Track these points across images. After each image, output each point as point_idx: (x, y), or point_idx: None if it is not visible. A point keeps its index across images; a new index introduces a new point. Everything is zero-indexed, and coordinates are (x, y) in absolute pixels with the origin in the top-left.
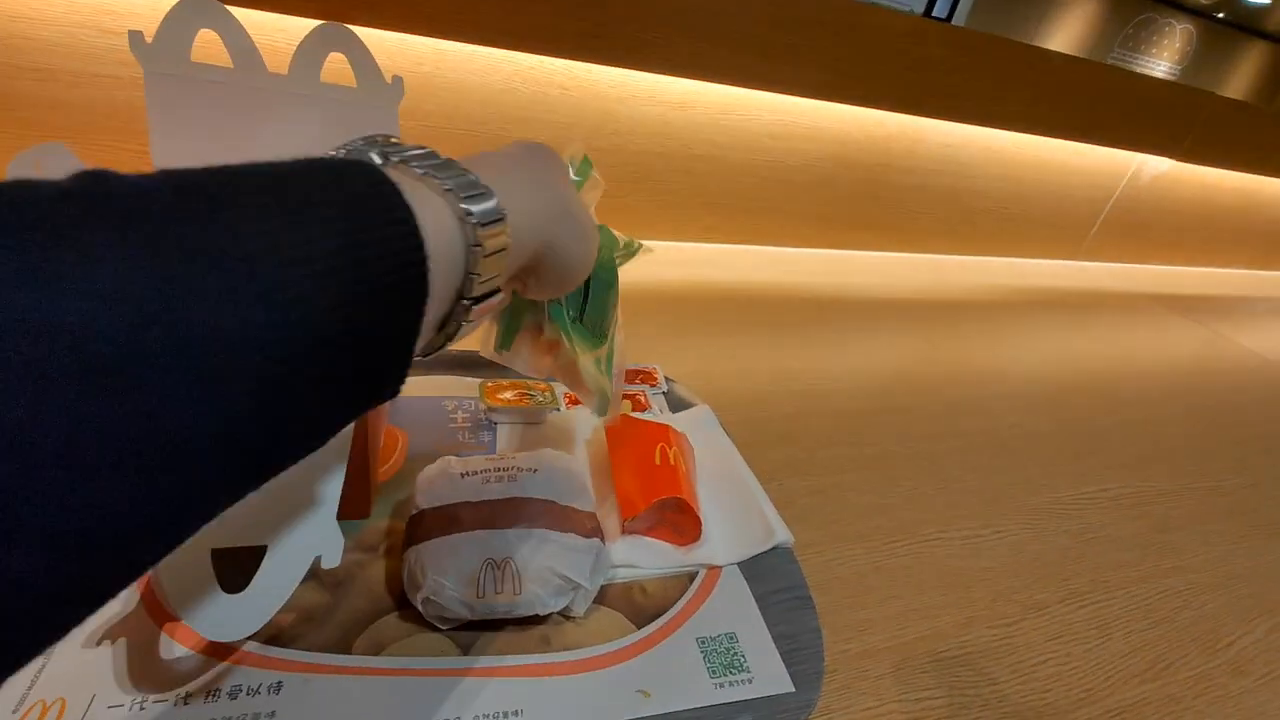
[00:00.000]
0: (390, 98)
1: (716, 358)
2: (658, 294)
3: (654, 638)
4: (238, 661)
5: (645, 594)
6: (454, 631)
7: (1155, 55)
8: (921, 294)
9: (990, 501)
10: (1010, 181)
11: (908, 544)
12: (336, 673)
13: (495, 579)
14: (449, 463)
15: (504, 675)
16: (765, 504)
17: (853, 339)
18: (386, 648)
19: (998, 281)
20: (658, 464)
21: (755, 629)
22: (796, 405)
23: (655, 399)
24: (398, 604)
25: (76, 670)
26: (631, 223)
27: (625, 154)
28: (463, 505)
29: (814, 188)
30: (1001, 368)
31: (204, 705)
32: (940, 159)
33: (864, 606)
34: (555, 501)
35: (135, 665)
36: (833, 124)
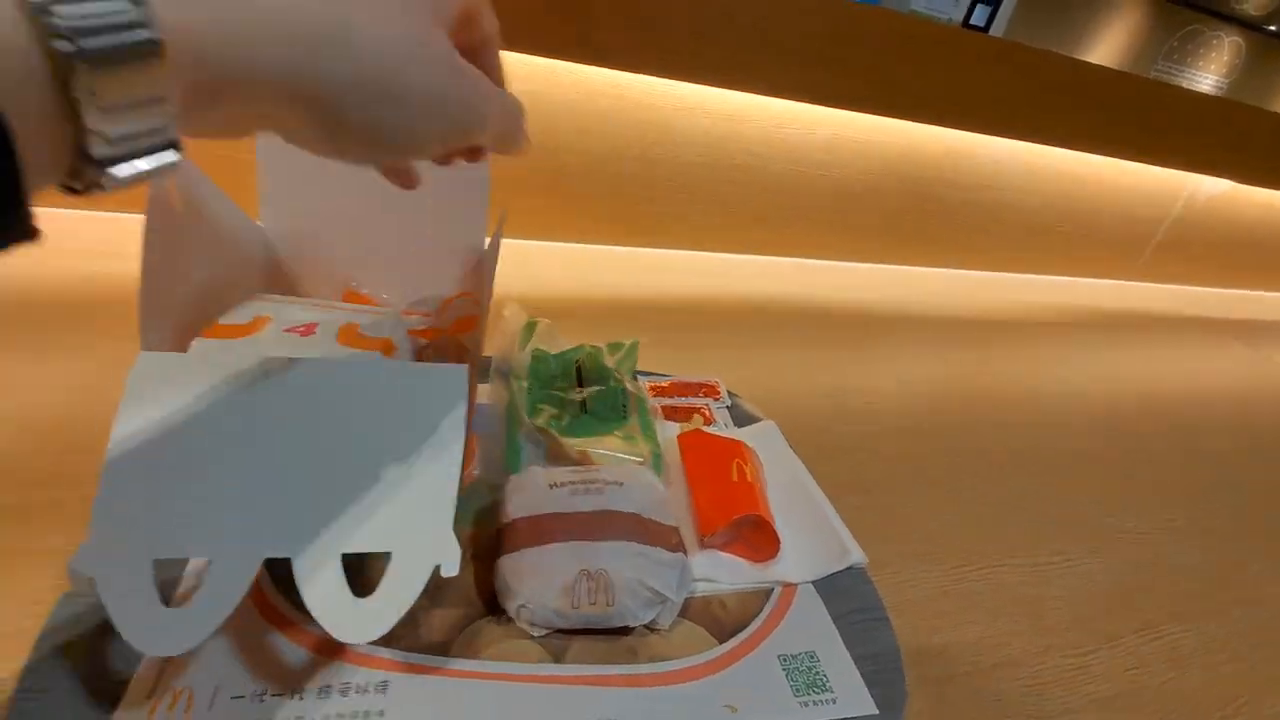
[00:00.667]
0: None
1: (772, 372)
2: (710, 305)
3: (736, 653)
4: (344, 660)
5: (724, 609)
6: (543, 639)
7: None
8: (971, 311)
9: (1057, 527)
10: (1062, 198)
11: (977, 568)
12: (438, 674)
13: (589, 590)
14: (535, 473)
15: (595, 684)
16: (837, 522)
17: (905, 355)
18: (483, 652)
19: (1048, 300)
20: (735, 480)
21: (835, 648)
22: (855, 423)
23: (719, 413)
24: (488, 609)
25: (200, 663)
26: (682, 233)
27: (677, 165)
28: (554, 516)
29: (864, 202)
30: (1056, 389)
31: (318, 701)
32: (992, 175)
33: (939, 630)
34: (641, 515)
35: (251, 660)
36: (885, 138)
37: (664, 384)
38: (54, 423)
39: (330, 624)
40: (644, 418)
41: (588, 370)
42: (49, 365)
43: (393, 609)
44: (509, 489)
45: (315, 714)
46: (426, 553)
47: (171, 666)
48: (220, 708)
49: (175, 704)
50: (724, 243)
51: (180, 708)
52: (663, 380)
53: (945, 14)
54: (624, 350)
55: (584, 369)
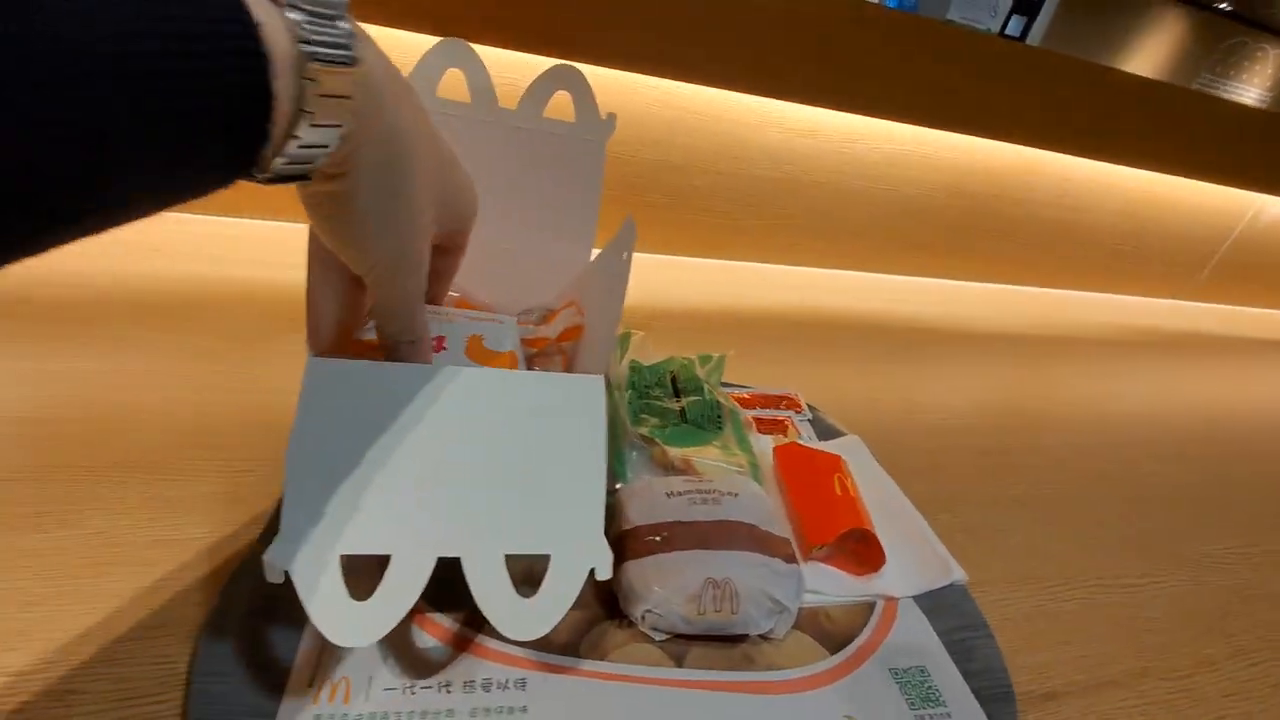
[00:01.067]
0: (602, 132)
1: (842, 385)
2: (777, 318)
3: (848, 665)
4: (483, 657)
5: (830, 620)
6: (662, 643)
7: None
8: (1032, 328)
9: (1143, 551)
10: (1123, 216)
11: (1071, 589)
12: (572, 674)
13: (715, 597)
14: (651, 482)
15: (716, 689)
16: (934, 538)
17: (971, 372)
18: (610, 654)
19: (1107, 319)
20: (838, 494)
21: (943, 664)
22: (931, 439)
23: (802, 426)
24: (609, 612)
25: (353, 654)
26: (743, 245)
27: (745, 179)
28: (675, 524)
29: (926, 216)
30: (1122, 409)
31: (464, 695)
32: (1055, 191)
33: (1040, 649)
34: (757, 526)
35: (398, 654)
36: (949, 153)
37: (745, 395)
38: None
39: (499, 621)
40: (738, 429)
41: (682, 381)
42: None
43: (555, 609)
44: (624, 496)
45: (463, 707)
46: (582, 556)
47: (326, 656)
48: (375, 697)
49: (335, 693)
50: (788, 255)
51: (340, 696)
52: (743, 391)
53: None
54: (713, 362)
55: (678, 380)
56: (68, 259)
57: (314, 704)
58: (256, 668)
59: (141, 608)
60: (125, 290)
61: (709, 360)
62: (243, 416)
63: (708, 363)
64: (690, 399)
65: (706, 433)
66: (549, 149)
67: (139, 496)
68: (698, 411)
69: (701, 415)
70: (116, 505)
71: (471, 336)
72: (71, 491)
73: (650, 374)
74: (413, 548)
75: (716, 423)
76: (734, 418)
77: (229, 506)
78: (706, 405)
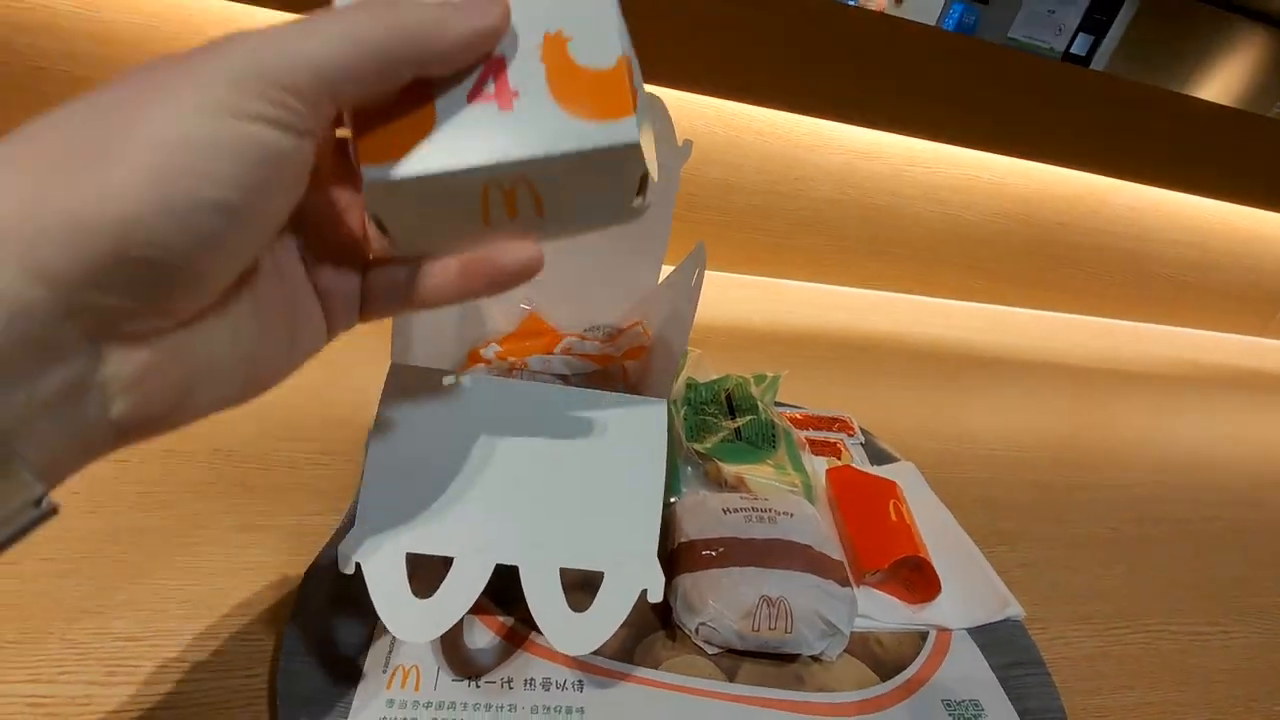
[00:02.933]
0: (678, 157)
1: (896, 410)
2: (831, 339)
3: (900, 693)
4: (542, 657)
5: (881, 646)
6: (715, 656)
7: None
8: (1094, 360)
9: (1211, 598)
10: (1195, 249)
11: (1133, 633)
12: (627, 680)
13: (769, 615)
14: (706, 497)
15: (766, 706)
16: (991, 571)
17: (1028, 402)
18: (662, 663)
19: (1175, 354)
20: (893, 520)
21: (998, 701)
22: (987, 470)
23: (854, 449)
24: (661, 623)
25: (424, 645)
26: (797, 264)
27: (806, 200)
28: (732, 540)
29: (986, 242)
30: (1189, 449)
31: (525, 691)
32: (1125, 221)
33: (1099, 692)
34: (813, 547)
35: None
36: (1016, 179)
37: (797, 415)
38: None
39: (551, 634)
40: (791, 449)
41: (737, 399)
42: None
43: (606, 626)
44: (680, 510)
45: (524, 703)
46: (635, 576)
47: (398, 644)
48: (443, 687)
49: (406, 680)
50: (843, 276)
51: (411, 684)
52: (796, 412)
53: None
54: (767, 381)
55: (733, 398)
56: None
57: (387, 689)
58: (335, 650)
59: (232, 587)
60: None
61: (763, 380)
62: (325, 413)
63: (762, 382)
64: (745, 418)
65: (760, 451)
66: None
67: (228, 483)
68: (752, 430)
69: (756, 434)
70: (208, 490)
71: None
72: (168, 475)
73: (706, 391)
74: (474, 553)
75: (771, 442)
76: (788, 437)
77: (311, 497)
78: (761, 424)
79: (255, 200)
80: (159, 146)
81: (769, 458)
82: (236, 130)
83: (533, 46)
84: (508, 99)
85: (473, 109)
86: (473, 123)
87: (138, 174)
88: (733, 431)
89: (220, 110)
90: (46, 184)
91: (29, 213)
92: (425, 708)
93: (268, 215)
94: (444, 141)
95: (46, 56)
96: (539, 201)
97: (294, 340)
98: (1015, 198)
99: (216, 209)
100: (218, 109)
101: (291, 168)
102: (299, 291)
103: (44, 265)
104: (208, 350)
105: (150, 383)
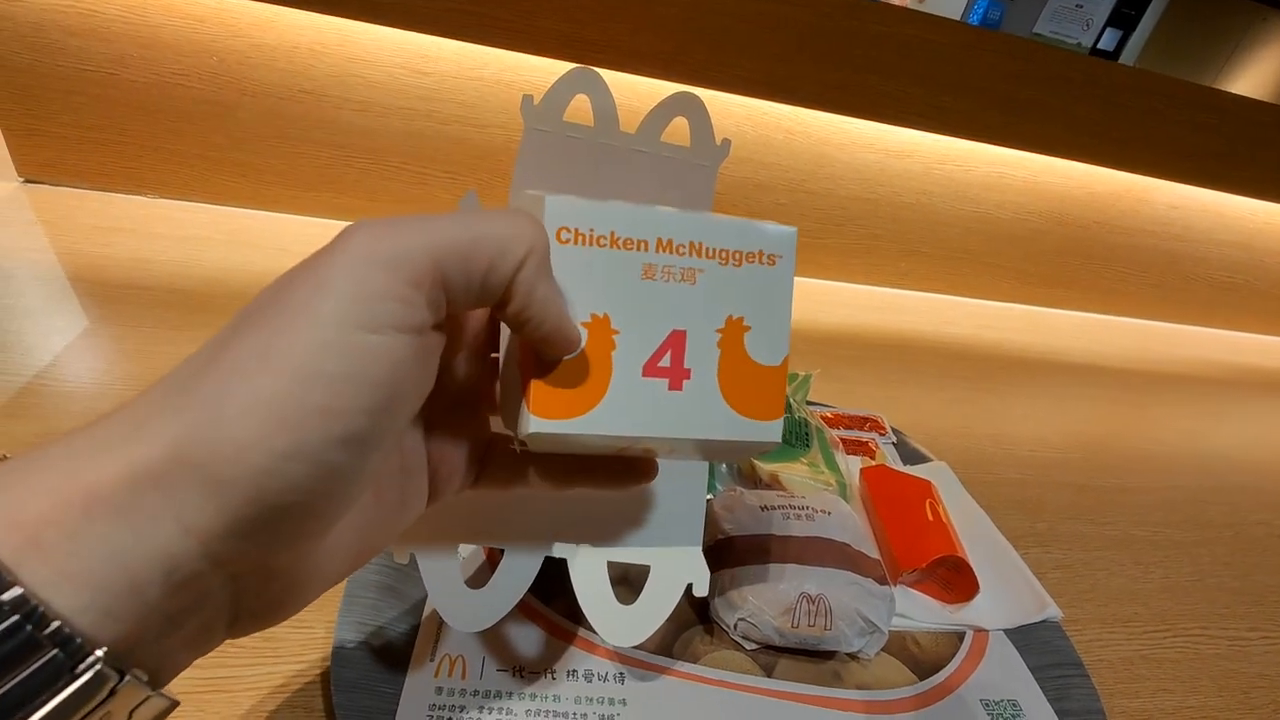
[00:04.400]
0: (716, 157)
1: (928, 410)
2: (861, 338)
3: (938, 692)
4: (584, 650)
5: (919, 646)
6: (753, 652)
7: None
8: (1130, 361)
9: (1254, 604)
10: (1236, 248)
11: (1172, 636)
12: (667, 674)
13: (809, 612)
14: (744, 495)
15: (804, 702)
16: (1028, 572)
17: (1064, 405)
18: (701, 658)
19: (1212, 356)
20: (930, 520)
21: (1036, 701)
22: (1022, 471)
23: (886, 449)
24: (699, 618)
25: (471, 635)
26: (827, 264)
27: (835, 198)
28: (771, 538)
29: (1020, 242)
30: (1230, 453)
31: (568, 682)
32: (1164, 221)
33: (1137, 695)
34: (851, 545)
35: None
36: (1050, 178)
37: (829, 415)
38: None
39: (600, 625)
40: (825, 448)
41: None
42: None
43: (652, 618)
44: (716, 506)
45: (568, 694)
46: (681, 570)
47: (445, 633)
48: (489, 677)
49: (454, 669)
50: (873, 276)
51: (458, 672)
52: (827, 411)
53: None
54: (799, 380)
55: None
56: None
57: (435, 677)
58: (384, 638)
59: None
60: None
61: (795, 378)
62: None
63: (794, 381)
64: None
65: (795, 449)
66: (664, 172)
67: None
68: (786, 429)
69: (790, 432)
70: None
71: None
72: None
73: None
74: (524, 546)
75: (804, 440)
76: (821, 436)
77: None
78: (795, 423)
79: (385, 421)
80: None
81: (803, 456)
82: (366, 347)
83: (714, 328)
84: (680, 380)
85: (645, 383)
86: (641, 396)
87: (269, 422)
88: None
89: (346, 325)
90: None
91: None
92: (472, 696)
93: (397, 427)
94: (610, 408)
95: (93, 59)
96: (673, 451)
97: (404, 508)
98: (1049, 196)
99: (348, 443)
100: (344, 323)
101: (419, 369)
102: (414, 464)
103: (190, 520)
104: (327, 551)
105: (273, 593)
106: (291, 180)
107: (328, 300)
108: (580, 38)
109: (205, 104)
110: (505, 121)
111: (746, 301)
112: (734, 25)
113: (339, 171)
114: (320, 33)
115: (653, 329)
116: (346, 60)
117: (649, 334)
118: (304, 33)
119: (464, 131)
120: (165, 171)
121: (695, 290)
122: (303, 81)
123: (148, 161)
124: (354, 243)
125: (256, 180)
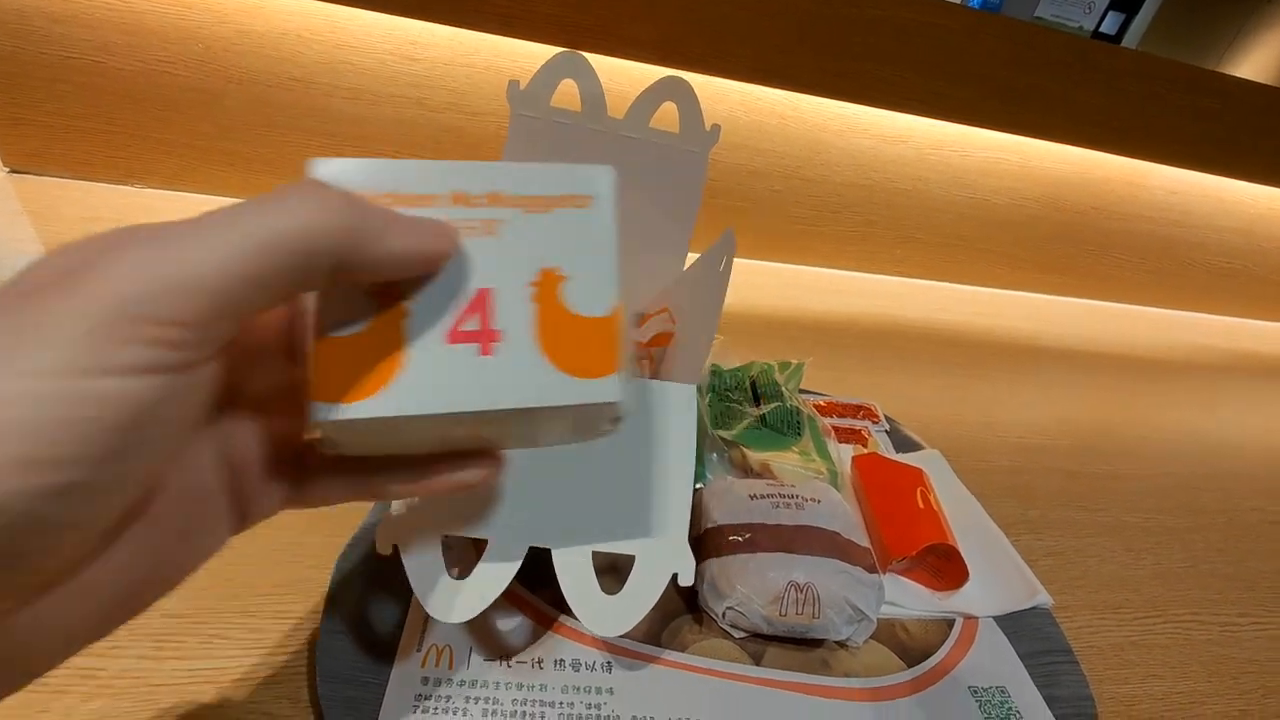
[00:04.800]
0: (706, 142)
1: (922, 397)
2: (855, 326)
3: (927, 679)
4: (572, 639)
5: (907, 633)
6: (741, 640)
7: None
8: (1124, 348)
9: (1246, 589)
10: (1235, 234)
11: (1162, 622)
12: (655, 663)
13: (797, 601)
14: (733, 483)
15: (792, 690)
16: (1019, 560)
17: (1058, 391)
18: (689, 646)
19: (1207, 341)
20: (921, 508)
21: (1025, 688)
22: (1014, 458)
23: (879, 437)
24: (687, 607)
25: (457, 625)
26: (821, 252)
27: (830, 185)
28: (758, 526)
29: (1016, 228)
30: (1224, 439)
31: (555, 671)
32: (1162, 206)
33: (1127, 681)
34: (840, 534)
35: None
36: (1046, 163)
37: (822, 403)
38: None
39: (583, 614)
40: (816, 436)
41: (762, 386)
42: None
43: (637, 609)
44: (706, 495)
45: (555, 683)
46: (666, 560)
47: (431, 623)
48: (475, 666)
49: (440, 658)
50: (867, 263)
51: (445, 662)
52: (820, 399)
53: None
54: (792, 368)
55: (758, 385)
56: None
57: (421, 667)
58: (370, 629)
59: (271, 566)
60: None
61: (788, 366)
62: None
63: (786, 369)
64: (770, 405)
65: (785, 438)
66: (653, 158)
67: None
68: (777, 417)
69: (781, 421)
70: None
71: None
72: None
73: (730, 378)
74: (509, 535)
75: (796, 429)
76: (812, 424)
77: None
78: (786, 411)
79: (118, 468)
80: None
81: (794, 444)
82: (90, 393)
83: (525, 282)
84: (489, 343)
85: (449, 350)
86: (447, 366)
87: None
88: (757, 418)
89: (71, 373)
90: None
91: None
92: (459, 685)
93: (146, 464)
94: (411, 383)
95: (78, 46)
96: (506, 432)
97: (193, 539)
98: (1045, 181)
99: (62, 494)
100: (68, 371)
101: (177, 408)
102: (200, 490)
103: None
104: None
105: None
106: (280, 169)
107: (46, 349)
108: (575, 23)
109: (192, 92)
110: (497, 109)
111: (561, 250)
112: (732, 12)
113: None
114: (309, 18)
115: (452, 291)
116: (336, 47)
117: (448, 297)
118: (292, 18)
119: (455, 119)
120: (152, 161)
121: (497, 243)
122: (291, 69)
123: (134, 151)
124: (111, 272)
125: (245, 169)
